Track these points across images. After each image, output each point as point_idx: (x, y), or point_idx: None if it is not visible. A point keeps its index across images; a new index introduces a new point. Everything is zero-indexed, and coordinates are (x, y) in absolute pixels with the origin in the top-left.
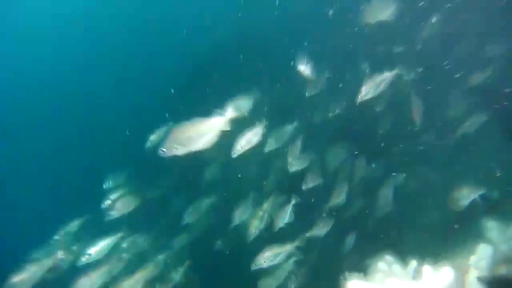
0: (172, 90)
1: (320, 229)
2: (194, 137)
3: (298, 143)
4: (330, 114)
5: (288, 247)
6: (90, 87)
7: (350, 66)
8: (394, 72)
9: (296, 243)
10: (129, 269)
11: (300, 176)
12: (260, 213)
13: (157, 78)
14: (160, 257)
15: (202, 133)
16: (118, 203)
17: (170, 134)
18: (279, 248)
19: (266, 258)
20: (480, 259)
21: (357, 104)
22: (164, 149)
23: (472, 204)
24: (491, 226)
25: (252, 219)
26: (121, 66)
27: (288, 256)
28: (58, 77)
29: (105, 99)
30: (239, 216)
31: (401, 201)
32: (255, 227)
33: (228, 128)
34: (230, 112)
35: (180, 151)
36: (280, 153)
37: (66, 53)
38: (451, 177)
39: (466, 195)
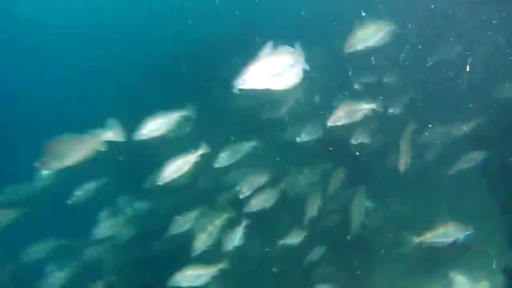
0: None
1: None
2: (69, 152)
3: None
4: (297, 139)
5: (212, 270)
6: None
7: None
8: (372, 105)
9: (222, 265)
10: None
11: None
12: (210, 228)
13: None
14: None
15: (76, 149)
16: None
17: (45, 149)
18: (203, 269)
19: (186, 277)
20: None
21: (328, 127)
22: (38, 163)
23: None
24: (459, 281)
25: (200, 233)
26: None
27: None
28: None
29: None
30: (179, 226)
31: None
32: (202, 243)
33: (103, 147)
34: (108, 132)
35: (54, 165)
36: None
37: None
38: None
39: (447, 233)
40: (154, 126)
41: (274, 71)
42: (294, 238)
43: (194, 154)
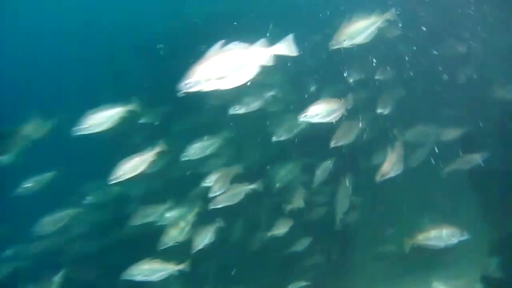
0: None
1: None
2: None
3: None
4: (274, 138)
5: (171, 267)
6: None
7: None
8: (347, 101)
9: (182, 265)
10: None
11: None
12: (182, 224)
13: None
14: None
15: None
16: None
17: None
18: (161, 264)
19: (142, 270)
20: None
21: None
22: None
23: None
24: None
25: (171, 228)
26: None
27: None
28: None
29: None
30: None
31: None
32: (171, 238)
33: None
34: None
35: None
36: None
37: None
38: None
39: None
40: (96, 120)
41: (221, 71)
42: (279, 229)
43: (150, 153)
